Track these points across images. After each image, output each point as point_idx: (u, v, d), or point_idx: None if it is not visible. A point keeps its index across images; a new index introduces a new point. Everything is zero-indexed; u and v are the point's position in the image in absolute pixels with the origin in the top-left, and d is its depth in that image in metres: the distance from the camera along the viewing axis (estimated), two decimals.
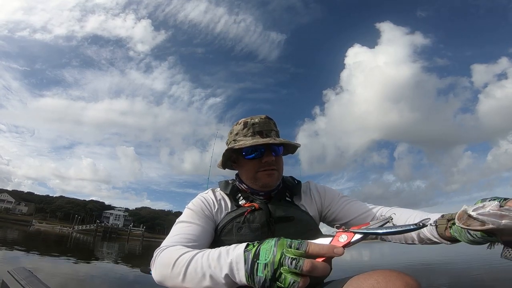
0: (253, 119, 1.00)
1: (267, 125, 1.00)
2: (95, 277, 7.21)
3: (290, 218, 0.92)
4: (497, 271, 7.46)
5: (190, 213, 0.93)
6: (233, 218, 0.91)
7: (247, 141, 0.95)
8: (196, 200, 0.99)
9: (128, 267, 10.30)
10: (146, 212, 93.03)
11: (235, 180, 1.06)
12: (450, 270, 8.53)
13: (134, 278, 7.69)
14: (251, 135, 0.97)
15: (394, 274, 0.76)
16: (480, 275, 7.17)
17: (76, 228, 58.59)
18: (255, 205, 0.93)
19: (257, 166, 0.96)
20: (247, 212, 0.91)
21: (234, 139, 1.00)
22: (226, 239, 0.88)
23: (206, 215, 0.93)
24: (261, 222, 0.90)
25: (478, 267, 8.75)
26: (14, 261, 8.32)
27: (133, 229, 62.54)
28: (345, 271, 1.26)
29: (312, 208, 1.03)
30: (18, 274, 1.16)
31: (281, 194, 1.01)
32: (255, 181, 0.97)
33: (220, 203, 0.99)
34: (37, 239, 23.79)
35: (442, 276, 7.19)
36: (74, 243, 24.68)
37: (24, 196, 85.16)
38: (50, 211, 78.40)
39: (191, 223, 0.88)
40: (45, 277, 5.81)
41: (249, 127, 0.98)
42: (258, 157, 0.95)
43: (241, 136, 0.99)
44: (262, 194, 0.99)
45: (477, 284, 6.13)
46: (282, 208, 0.95)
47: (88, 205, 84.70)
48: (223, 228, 0.91)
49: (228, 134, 1.07)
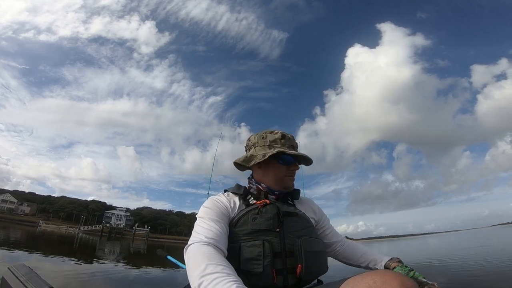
0: (288, 135, 1.23)
1: (294, 142, 1.25)
2: (99, 276, 7.23)
3: (294, 213, 1.11)
4: (494, 270, 7.50)
5: (208, 210, 1.06)
6: (248, 211, 1.07)
7: (288, 151, 1.16)
8: (210, 200, 1.12)
9: (135, 268, 10.34)
10: (147, 212, 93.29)
11: (250, 181, 1.23)
12: (447, 269, 8.51)
13: (137, 277, 7.74)
14: (288, 146, 1.19)
15: (391, 274, 0.77)
16: (477, 274, 7.16)
17: (82, 228, 58.95)
18: (266, 201, 1.10)
19: (286, 171, 1.17)
20: (260, 206, 1.08)
21: (270, 144, 1.19)
22: (241, 229, 1.02)
23: (222, 212, 1.06)
24: (273, 213, 1.05)
25: (476, 266, 8.75)
26: (31, 262, 8.39)
27: (138, 230, 62.74)
28: (342, 271, 1.28)
29: (308, 214, 1.21)
30: (18, 271, 1.17)
31: (285, 198, 1.20)
32: (281, 182, 1.17)
33: (232, 203, 1.13)
34: (47, 240, 24.02)
35: (439, 275, 7.18)
36: (81, 243, 24.83)
37: (26, 196, 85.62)
38: (52, 212, 78.78)
39: (211, 219, 1.01)
40: (53, 277, 5.86)
41: (287, 140, 1.20)
42: (289, 165, 1.17)
43: (279, 144, 1.19)
44: (277, 193, 1.17)
45: (474, 283, 6.11)
46: (286, 206, 1.14)
47: (90, 205, 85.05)
48: (238, 220, 1.05)
49: (258, 138, 1.23)
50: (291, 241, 1.01)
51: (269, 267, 0.94)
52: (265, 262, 0.94)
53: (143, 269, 9.61)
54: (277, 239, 1.00)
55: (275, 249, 0.98)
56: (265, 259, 0.94)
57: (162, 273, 8.71)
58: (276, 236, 1.00)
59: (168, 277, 7.81)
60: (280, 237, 1.01)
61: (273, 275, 0.94)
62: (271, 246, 0.97)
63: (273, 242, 0.99)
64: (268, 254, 0.95)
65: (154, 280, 7.48)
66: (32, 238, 24.23)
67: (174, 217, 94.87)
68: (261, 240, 0.98)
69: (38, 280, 1.13)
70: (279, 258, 0.97)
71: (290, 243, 1.01)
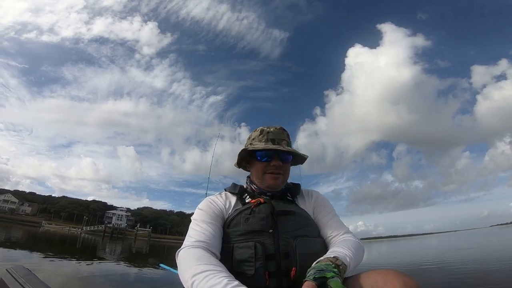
0: (269, 128, 1.17)
1: (280, 134, 1.16)
2: (99, 277, 7.25)
3: (290, 212, 1.06)
4: (494, 271, 7.49)
5: (201, 212, 1.06)
6: (241, 211, 1.05)
7: (261, 145, 1.11)
8: (205, 202, 1.11)
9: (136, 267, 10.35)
10: (148, 212, 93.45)
11: (246, 181, 1.21)
12: (448, 270, 8.51)
13: (138, 277, 7.75)
14: (265, 141, 1.13)
15: (392, 274, 0.76)
16: (478, 275, 7.14)
17: (84, 229, 58.99)
18: (260, 199, 1.07)
19: (266, 168, 1.11)
20: (253, 205, 1.05)
21: (251, 143, 1.17)
22: (234, 230, 1.00)
23: (216, 214, 1.06)
24: (266, 213, 1.02)
25: (476, 267, 8.76)
26: (35, 262, 8.41)
27: (140, 230, 62.89)
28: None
29: (307, 210, 1.15)
30: (16, 272, 1.16)
31: (283, 194, 1.15)
32: (262, 181, 1.12)
33: (227, 202, 1.12)
34: (50, 240, 24.07)
35: (440, 276, 7.19)
36: (84, 244, 24.91)
37: (27, 196, 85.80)
38: (54, 212, 78.91)
39: (203, 221, 1.01)
40: (53, 278, 5.86)
41: (264, 134, 1.15)
42: (268, 161, 1.10)
43: (257, 141, 1.15)
44: (269, 194, 1.12)
45: (474, 283, 6.10)
46: (283, 203, 1.09)
47: (91, 206, 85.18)
48: (231, 220, 1.03)
49: (246, 139, 1.23)
50: (286, 242, 0.96)
51: (261, 270, 0.91)
52: (257, 264, 0.91)
53: (144, 269, 9.60)
54: (271, 240, 0.96)
55: (269, 250, 0.94)
56: (257, 261, 0.92)
57: (163, 273, 8.71)
58: (270, 237, 0.96)
59: (169, 277, 7.82)
60: (274, 238, 0.96)
61: (265, 277, 0.90)
62: (263, 248, 0.94)
63: (266, 243, 0.95)
64: (260, 256, 0.92)
65: (154, 280, 7.47)
66: (37, 238, 24.37)
67: (175, 217, 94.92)
68: (253, 241, 0.95)
69: (37, 282, 1.12)
70: (273, 260, 0.93)
71: (284, 244, 0.96)
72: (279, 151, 1.10)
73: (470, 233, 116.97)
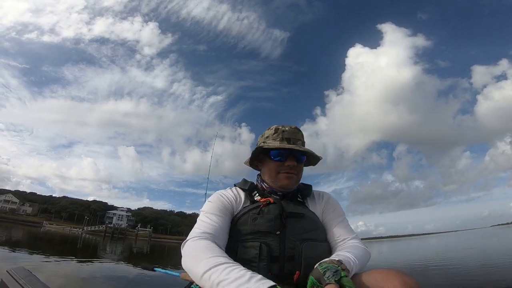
0: (284, 127, 1.14)
1: (295, 134, 1.13)
2: (100, 277, 7.24)
3: (300, 214, 1.04)
4: (494, 271, 7.50)
5: (211, 205, 1.04)
6: (249, 209, 1.03)
7: (276, 144, 1.08)
8: (216, 195, 1.10)
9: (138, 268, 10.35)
10: (148, 212, 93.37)
11: (257, 179, 1.18)
12: (448, 270, 8.51)
13: (138, 277, 7.74)
14: (280, 140, 1.10)
15: (393, 273, 0.76)
16: (478, 275, 7.14)
17: (85, 229, 59.00)
18: (270, 199, 1.05)
19: (279, 167, 1.08)
20: (263, 205, 1.03)
21: (264, 141, 1.14)
22: (241, 229, 0.99)
23: (226, 207, 1.04)
24: (275, 214, 1.00)
25: (475, 266, 8.75)
26: (36, 263, 8.41)
27: (141, 230, 62.94)
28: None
29: (317, 212, 1.13)
30: (17, 274, 1.16)
31: (294, 195, 1.13)
32: (276, 181, 1.09)
33: (237, 198, 1.10)
34: (52, 241, 24.16)
35: (440, 276, 7.19)
36: (85, 244, 24.95)
37: (27, 196, 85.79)
38: (54, 212, 78.95)
39: (212, 214, 1.00)
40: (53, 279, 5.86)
41: (279, 133, 1.12)
42: (282, 160, 1.08)
43: (271, 139, 1.12)
44: (280, 194, 1.10)
45: (475, 283, 6.10)
46: (293, 205, 1.07)
47: (92, 206, 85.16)
48: (239, 218, 1.02)
49: (259, 137, 1.21)
50: (292, 245, 0.95)
51: (264, 271, 0.89)
52: (261, 265, 0.90)
53: (144, 270, 9.60)
54: (277, 242, 0.95)
55: (274, 252, 0.93)
56: (261, 262, 0.91)
57: (163, 273, 8.68)
58: (276, 239, 0.95)
59: (169, 277, 7.79)
60: (280, 241, 0.95)
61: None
62: (268, 249, 0.93)
63: (272, 245, 0.94)
64: (264, 257, 0.92)
65: (155, 279, 7.47)
66: (38, 238, 24.38)
67: (175, 217, 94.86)
68: (259, 242, 0.94)
69: (38, 283, 1.12)
70: (277, 262, 0.92)
71: (290, 247, 0.95)
72: (295, 150, 1.08)
73: (471, 233, 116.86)
